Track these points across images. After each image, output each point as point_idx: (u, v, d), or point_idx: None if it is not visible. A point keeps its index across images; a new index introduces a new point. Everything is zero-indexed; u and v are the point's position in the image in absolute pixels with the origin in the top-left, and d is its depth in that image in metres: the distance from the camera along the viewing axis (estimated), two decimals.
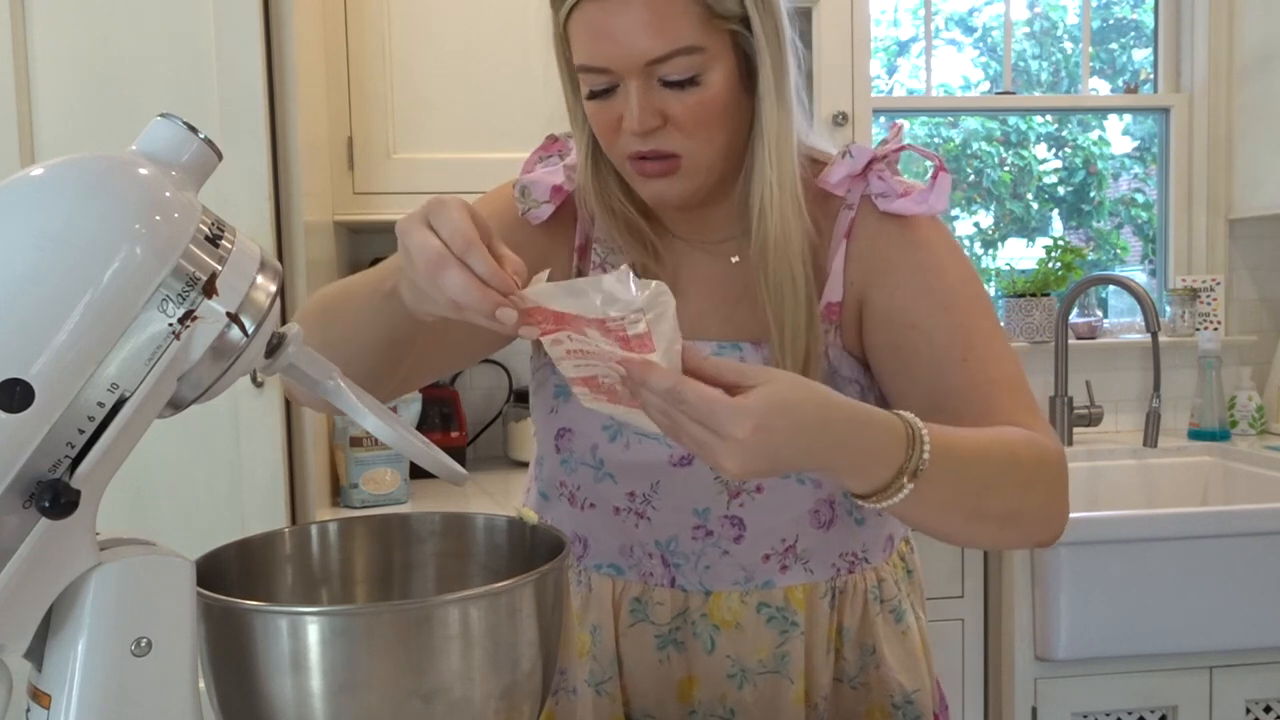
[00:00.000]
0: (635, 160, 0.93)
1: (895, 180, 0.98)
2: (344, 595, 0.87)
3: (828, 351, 0.98)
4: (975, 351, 0.92)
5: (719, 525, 1.00)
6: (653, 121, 0.90)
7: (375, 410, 0.71)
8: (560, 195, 1.02)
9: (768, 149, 0.93)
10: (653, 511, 1.01)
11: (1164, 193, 2.75)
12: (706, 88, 0.90)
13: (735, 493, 0.99)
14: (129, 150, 0.62)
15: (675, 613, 1.02)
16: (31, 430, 0.55)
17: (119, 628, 0.60)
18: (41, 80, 1.74)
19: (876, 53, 2.83)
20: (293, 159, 1.84)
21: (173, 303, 0.58)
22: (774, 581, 1.01)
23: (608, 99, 0.91)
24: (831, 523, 1.01)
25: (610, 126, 0.92)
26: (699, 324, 0.99)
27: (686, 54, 0.88)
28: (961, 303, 0.95)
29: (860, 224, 0.99)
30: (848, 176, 0.99)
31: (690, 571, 1.01)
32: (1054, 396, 2.46)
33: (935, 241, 0.98)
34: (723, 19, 0.89)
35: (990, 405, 0.89)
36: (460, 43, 2.10)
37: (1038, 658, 1.86)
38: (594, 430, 1.01)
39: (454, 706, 0.68)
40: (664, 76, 0.89)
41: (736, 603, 1.01)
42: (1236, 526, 1.85)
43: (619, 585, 1.04)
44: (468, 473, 0.80)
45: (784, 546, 1.01)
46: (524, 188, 1.03)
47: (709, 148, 0.93)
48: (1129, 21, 3.08)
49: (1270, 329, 2.67)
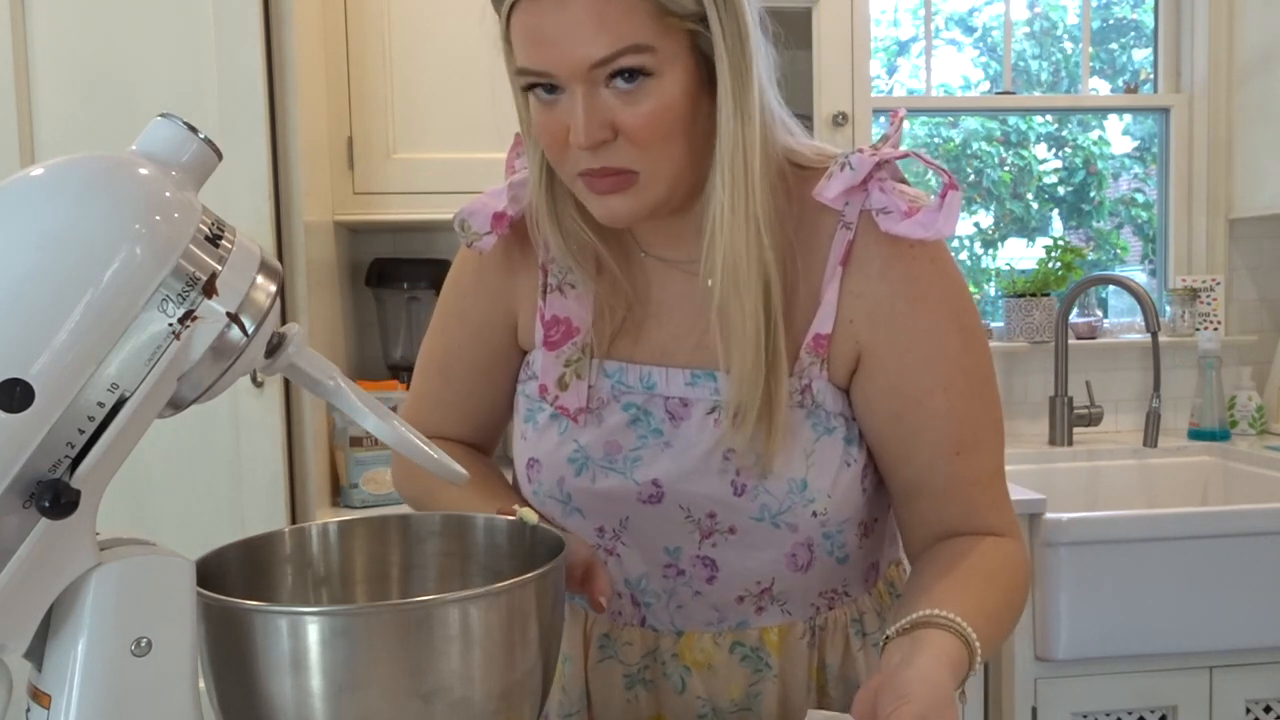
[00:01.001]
0: (586, 177, 0.84)
1: (898, 193, 0.89)
2: (344, 595, 0.87)
3: (811, 385, 0.91)
4: (967, 444, 0.92)
5: (690, 565, 0.95)
6: (601, 134, 0.81)
7: (375, 410, 0.71)
8: (503, 222, 0.96)
9: (721, 165, 0.84)
10: (622, 548, 0.97)
11: (1164, 193, 2.75)
12: (660, 94, 0.81)
13: (708, 532, 0.94)
14: (129, 150, 0.62)
15: (645, 652, 0.99)
16: (31, 430, 0.55)
17: (119, 628, 0.60)
18: (41, 80, 1.74)
19: (876, 53, 2.83)
20: (293, 159, 1.84)
21: (173, 303, 0.58)
22: (749, 622, 0.97)
23: (552, 110, 0.83)
24: (810, 564, 0.95)
25: (558, 140, 0.84)
26: (669, 350, 0.94)
27: (634, 53, 0.79)
28: (965, 381, 0.91)
29: (860, 250, 0.91)
30: (846, 189, 0.89)
31: (661, 611, 0.97)
32: (1054, 396, 2.46)
33: (944, 291, 0.91)
34: (676, 17, 0.80)
35: (970, 507, 0.93)
36: (460, 43, 2.10)
37: (1038, 658, 1.86)
38: (560, 463, 0.96)
39: (454, 706, 0.68)
40: (611, 79, 0.80)
41: (709, 643, 0.97)
42: (1236, 526, 1.85)
43: (590, 619, 1.00)
44: (467, 473, 0.80)
45: (759, 588, 0.95)
46: (462, 221, 0.98)
47: (666, 162, 0.84)
48: (1129, 21, 3.08)
49: (1270, 329, 2.67)
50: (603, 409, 0.95)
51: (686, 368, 0.93)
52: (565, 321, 0.97)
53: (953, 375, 0.91)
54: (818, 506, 0.91)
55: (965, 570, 0.88)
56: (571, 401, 0.96)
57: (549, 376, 0.97)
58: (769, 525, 0.92)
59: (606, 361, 0.96)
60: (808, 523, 0.92)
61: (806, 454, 0.91)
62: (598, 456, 0.95)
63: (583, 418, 0.95)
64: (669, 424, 0.94)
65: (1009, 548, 0.93)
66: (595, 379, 0.96)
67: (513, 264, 1.01)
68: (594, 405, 0.95)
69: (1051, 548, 1.82)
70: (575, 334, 0.97)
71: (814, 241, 0.91)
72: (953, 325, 0.91)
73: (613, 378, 0.96)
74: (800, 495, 0.91)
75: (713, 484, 0.92)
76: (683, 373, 0.93)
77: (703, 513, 0.93)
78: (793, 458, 0.90)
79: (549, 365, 0.97)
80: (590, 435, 0.95)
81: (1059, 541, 1.82)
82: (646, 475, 0.93)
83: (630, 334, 0.96)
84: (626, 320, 0.96)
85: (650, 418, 0.94)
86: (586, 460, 0.95)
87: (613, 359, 0.96)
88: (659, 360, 0.95)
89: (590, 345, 0.96)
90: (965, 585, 0.86)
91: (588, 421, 0.95)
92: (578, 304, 0.97)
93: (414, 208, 2.11)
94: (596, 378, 0.96)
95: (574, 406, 0.96)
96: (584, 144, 0.81)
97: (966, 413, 0.91)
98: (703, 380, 0.93)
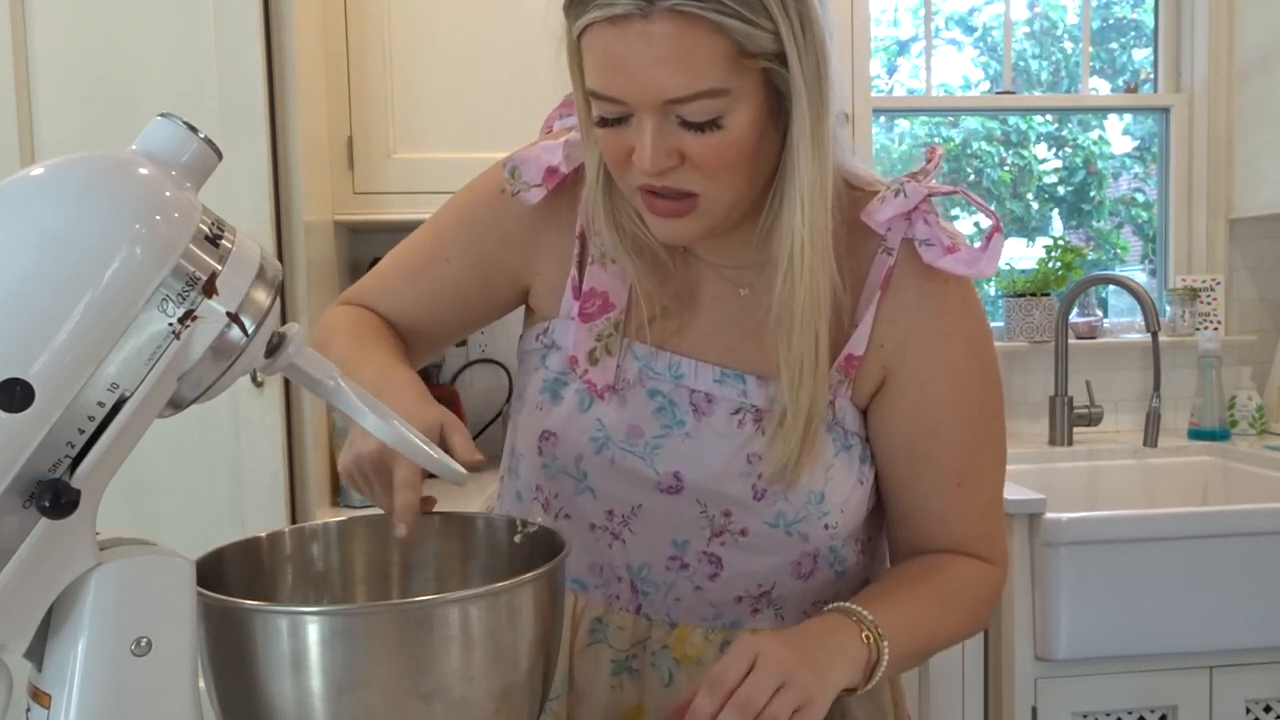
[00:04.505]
0: (646, 195, 0.85)
1: (941, 228, 0.91)
2: (344, 595, 0.87)
3: (835, 403, 0.93)
4: (970, 477, 0.96)
5: (696, 560, 0.95)
6: (668, 161, 0.82)
7: (375, 410, 0.71)
8: (555, 178, 0.96)
9: (800, 200, 0.84)
10: (629, 535, 0.96)
11: (1164, 193, 2.75)
12: (730, 130, 0.80)
13: (719, 531, 0.94)
14: (129, 150, 0.62)
15: (635, 640, 0.98)
16: (31, 430, 0.55)
17: (119, 628, 0.60)
18: (41, 80, 1.74)
19: (876, 53, 2.83)
20: (293, 159, 1.84)
21: (173, 302, 0.58)
22: (742, 622, 0.97)
23: (619, 127, 0.83)
24: (812, 574, 0.96)
25: (621, 156, 0.84)
26: (701, 345, 0.95)
27: (710, 97, 0.78)
28: (979, 417, 0.95)
29: (899, 277, 0.93)
30: (894, 216, 0.91)
31: (659, 601, 0.97)
32: (1054, 396, 2.46)
33: (972, 329, 0.95)
34: (753, 57, 0.79)
35: (961, 538, 0.97)
36: (460, 43, 2.10)
37: (1038, 658, 1.86)
38: (581, 440, 0.95)
39: (454, 706, 0.68)
40: (683, 116, 0.80)
41: (700, 639, 0.97)
42: (1236, 526, 1.85)
43: (581, 601, 0.99)
44: (467, 472, 0.80)
45: (759, 591, 0.96)
46: (514, 168, 0.96)
47: (729, 189, 0.84)
48: (1129, 21, 3.08)
49: (1270, 329, 2.67)
50: (627, 390, 0.95)
51: (717, 365, 0.94)
52: (603, 295, 0.96)
53: (969, 410, 0.95)
54: (830, 520, 0.93)
55: (915, 580, 0.94)
56: (599, 378, 0.95)
57: (580, 349, 0.96)
58: (782, 532, 0.93)
59: (636, 344, 0.95)
60: (819, 534, 0.94)
61: (826, 468, 0.93)
62: (619, 438, 0.94)
63: (609, 395, 0.95)
64: (693, 417, 0.94)
65: (984, 573, 0.97)
66: (624, 359, 0.95)
67: (545, 221, 0.99)
68: (620, 385, 0.95)
69: (1051, 548, 1.82)
70: (611, 310, 0.96)
71: (856, 263, 0.93)
72: (975, 362, 0.95)
73: (641, 360, 0.95)
74: (816, 507, 0.93)
75: (734, 485, 0.93)
76: (712, 369, 0.94)
77: (718, 510, 0.94)
78: (814, 471, 0.92)
79: (581, 337, 0.96)
80: (614, 415, 0.94)
81: (1059, 541, 1.82)
82: (668, 466, 0.94)
83: (664, 323, 0.96)
84: (667, 309, 0.96)
85: (675, 408, 0.94)
86: (608, 440, 0.94)
87: (643, 343, 0.95)
88: (689, 352, 0.95)
89: (623, 324, 0.96)
90: (905, 594, 0.92)
91: (612, 401, 0.95)
92: (618, 280, 0.96)
93: (414, 208, 2.11)
94: (625, 358, 0.95)
95: (601, 383, 0.95)
96: (650, 171, 0.82)
97: (975, 447, 0.96)
98: (731, 380, 0.94)
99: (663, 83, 0.78)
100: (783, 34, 0.79)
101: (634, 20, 0.77)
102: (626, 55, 0.78)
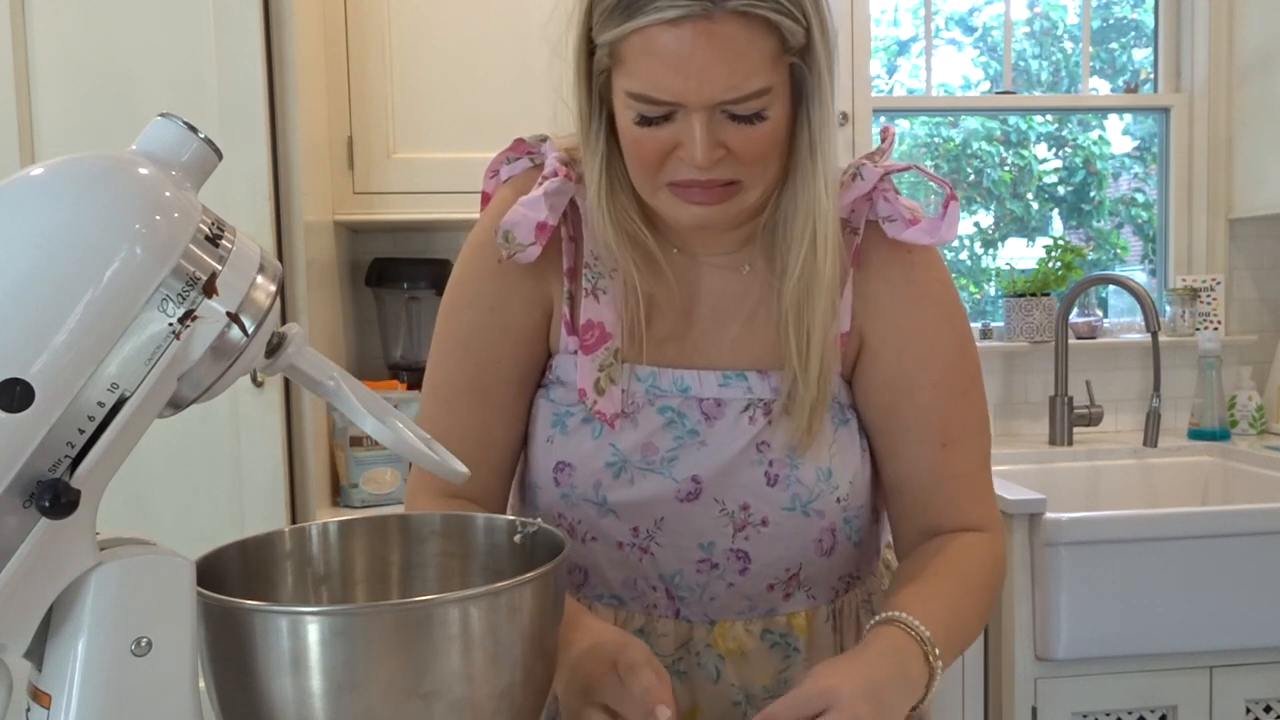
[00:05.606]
0: (681, 188, 0.89)
1: (900, 203, 0.96)
2: (344, 595, 0.87)
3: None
4: (952, 439, 0.98)
5: (724, 558, 0.98)
6: (717, 154, 0.86)
7: (375, 411, 0.71)
8: (546, 232, 0.95)
9: (824, 181, 0.90)
10: (657, 547, 0.98)
11: (1164, 193, 2.75)
12: (771, 121, 0.86)
13: (740, 525, 0.97)
14: (129, 150, 0.62)
15: (679, 643, 1.00)
16: (31, 430, 0.55)
17: (119, 628, 0.60)
18: (41, 80, 1.74)
19: (876, 53, 2.83)
20: (293, 159, 1.84)
21: (173, 302, 0.58)
22: (777, 609, 1.00)
23: (659, 126, 0.86)
24: (833, 549, 1.00)
25: (658, 154, 0.87)
26: (701, 350, 0.98)
27: (758, 96, 0.84)
28: (953, 379, 0.98)
29: (867, 253, 0.98)
30: (856, 199, 0.96)
31: (695, 603, 1.00)
32: (1054, 396, 2.46)
33: (939, 296, 0.99)
34: (788, 54, 0.85)
35: (954, 500, 0.98)
36: (460, 43, 2.10)
37: (1038, 658, 1.86)
38: (597, 467, 0.97)
39: (454, 706, 0.68)
40: (732, 111, 0.84)
41: (741, 631, 1.00)
42: (1236, 526, 1.85)
43: (621, 615, 1.01)
44: (468, 472, 0.80)
45: (788, 575, 0.99)
46: (506, 232, 0.95)
47: (765, 176, 0.90)
48: (1129, 21, 3.08)
49: (1270, 329, 2.67)
50: (637, 413, 0.97)
51: (717, 369, 0.97)
52: (599, 326, 0.98)
53: (943, 373, 0.98)
54: (841, 493, 0.97)
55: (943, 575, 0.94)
56: (608, 406, 0.97)
57: (587, 381, 0.97)
58: (799, 514, 0.97)
59: (638, 366, 0.97)
60: (832, 509, 0.97)
61: (829, 443, 0.97)
62: (635, 459, 0.97)
63: (619, 423, 0.96)
64: (704, 424, 0.97)
65: (991, 549, 0.98)
66: (628, 383, 0.97)
67: (540, 270, 0.99)
68: (629, 410, 0.97)
69: (1051, 548, 1.82)
70: (608, 339, 0.98)
71: None
72: (945, 327, 0.99)
73: (645, 382, 0.97)
74: (826, 483, 0.96)
75: (747, 474, 0.96)
76: (715, 375, 0.97)
77: (737, 505, 0.96)
78: (819, 447, 0.96)
79: (586, 369, 0.97)
80: (628, 438, 0.96)
81: (1059, 541, 1.82)
82: (685, 472, 0.96)
83: (662, 334, 0.98)
84: (664, 314, 0.98)
85: (685, 419, 0.97)
86: (625, 463, 0.97)
87: (643, 364, 0.97)
88: (690, 363, 0.98)
89: (619, 350, 0.98)
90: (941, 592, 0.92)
91: (623, 426, 0.96)
92: (609, 309, 0.98)
93: (414, 207, 2.11)
94: (629, 382, 0.97)
95: (611, 411, 0.97)
96: (703, 165, 0.85)
97: (953, 409, 0.98)
98: (734, 381, 0.97)
99: (723, 82, 0.82)
100: (813, 29, 0.85)
101: (698, 21, 0.80)
102: (687, 56, 0.81)
